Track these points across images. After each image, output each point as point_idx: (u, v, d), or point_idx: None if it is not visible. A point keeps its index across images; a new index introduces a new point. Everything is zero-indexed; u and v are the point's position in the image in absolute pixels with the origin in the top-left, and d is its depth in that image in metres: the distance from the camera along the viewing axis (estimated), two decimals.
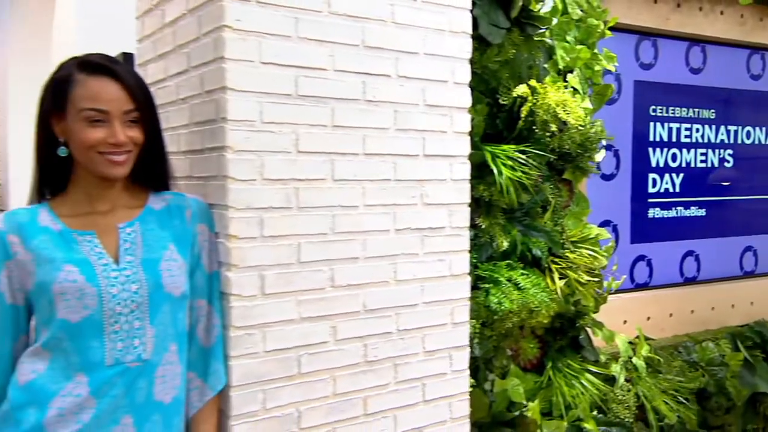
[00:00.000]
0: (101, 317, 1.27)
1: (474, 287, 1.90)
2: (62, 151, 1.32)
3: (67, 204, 1.37)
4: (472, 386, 1.88)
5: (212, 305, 1.48)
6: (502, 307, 1.95)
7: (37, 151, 1.37)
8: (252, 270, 1.49)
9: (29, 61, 4.68)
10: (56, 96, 1.31)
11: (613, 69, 2.39)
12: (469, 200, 1.85)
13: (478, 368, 1.96)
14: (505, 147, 2.05)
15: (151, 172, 1.44)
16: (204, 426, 1.45)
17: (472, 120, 1.87)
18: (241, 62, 1.46)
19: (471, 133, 1.86)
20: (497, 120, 2.11)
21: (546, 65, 2.22)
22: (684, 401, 2.52)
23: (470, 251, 1.87)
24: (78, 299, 1.26)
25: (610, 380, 2.39)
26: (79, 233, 1.33)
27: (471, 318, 1.87)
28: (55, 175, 1.37)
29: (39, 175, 1.38)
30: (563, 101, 2.09)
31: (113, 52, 2.19)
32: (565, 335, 2.29)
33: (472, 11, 1.83)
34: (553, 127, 2.09)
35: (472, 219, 1.89)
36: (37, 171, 1.38)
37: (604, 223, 2.75)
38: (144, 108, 1.34)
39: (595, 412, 2.30)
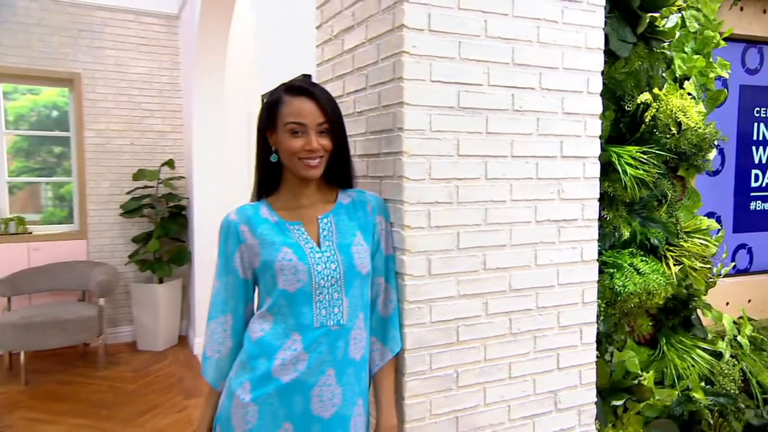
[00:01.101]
0: (310, 289, 1.35)
1: (599, 271, 1.84)
2: (274, 158, 1.43)
3: (279, 200, 1.47)
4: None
5: (389, 282, 1.51)
6: (626, 290, 1.88)
7: (257, 159, 1.47)
8: (421, 254, 1.51)
9: (208, 79, 4.94)
10: (270, 115, 1.41)
11: (727, 76, 2.23)
12: (598, 195, 1.79)
13: (600, 341, 1.90)
14: (628, 148, 1.96)
15: (339, 173, 1.49)
16: (385, 381, 1.49)
17: (600, 125, 1.81)
18: (415, 81, 1.47)
19: (599, 136, 1.80)
20: (620, 124, 2.02)
21: (664, 74, 2.11)
22: None
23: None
24: (293, 274, 1.34)
25: (717, 356, 2.25)
26: (290, 223, 1.43)
27: (597, 298, 1.82)
28: (270, 179, 1.47)
29: (259, 179, 1.49)
30: (683, 106, 1.98)
31: (291, 74, 2.28)
32: (677, 315, 2.17)
33: (603, 28, 1.77)
34: (674, 130, 1.99)
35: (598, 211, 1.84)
36: (257, 175, 1.49)
37: (709, 214, 2.58)
38: (333, 121, 1.39)
39: (703, 384, 2.18)
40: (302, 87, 1.39)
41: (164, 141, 5.58)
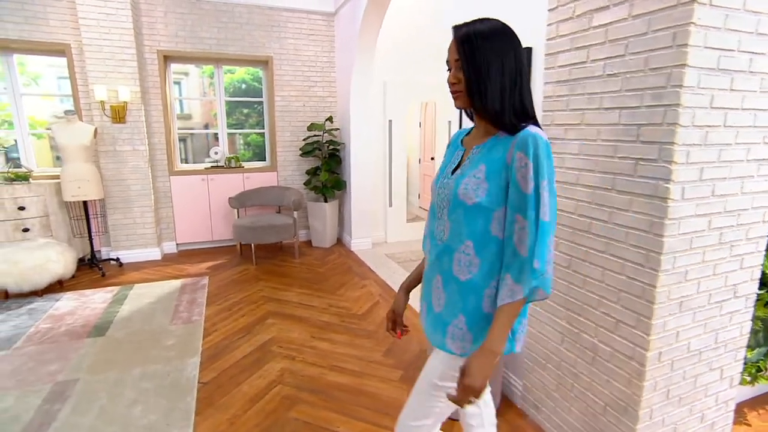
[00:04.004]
0: (434, 206, 1.15)
1: None
2: None
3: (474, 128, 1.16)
4: None
5: (527, 219, 0.98)
6: None
7: None
8: (679, 184, 1.35)
9: (361, 76, 4.71)
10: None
11: None
12: None
13: None
14: None
15: (473, 105, 1.05)
16: (502, 316, 1.01)
17: None
18: (695, 47, 1.26)
19: None
20: None
21: None
22: None
23: None
24: (432, 192, 1.16)
25: None
26: (461, 149, 1.15)
27: None
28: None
29: None
30: None
31: None
32: None
33: None
34: None
35: None
36: None
37: None
38: (462, 54, 1.02)
39: None
40: (454, 27, 1.05)
41: (324, 103, 5.41)
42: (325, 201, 5.27)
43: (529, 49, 1.91)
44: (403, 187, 5.51)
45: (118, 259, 4.49)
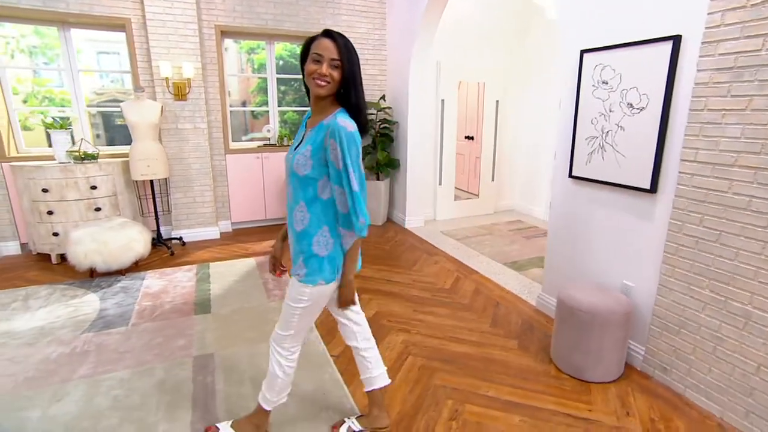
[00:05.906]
0: (286, 176, 1.51)
1: None
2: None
3: (312, 111, 1.49)
4: None
5: (343, 188, 1.39)
6: None
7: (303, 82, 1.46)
8: None
9: (421, 55, 4.72)
10: (305, 49, 1.41)
11: None
12: None
13: None
14: None
15: (347, 101, 1.40)
16: (349, 254, 1.48)
17: None
18: None
19: None
20: None
21: None
22: None
23: None
24: (286, 165, 1.50)
25: None
26: (304, 128, 1.51)
27: None
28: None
29: (307, 95, 1.49)
30: None
31: (605, 30, 2.10)
32: None
33: None
34: None
35: None
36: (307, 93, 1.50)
37: None
38: (343, 60, 1.35)
39: None
40: (329, 32, 1.37)
41: (374, 81, 5.43)
42: (378, 179, 5.36)
43: (677, 37, 2.01)
44: (453, 166, 5.62)
45: (180, 238, 4.56)
